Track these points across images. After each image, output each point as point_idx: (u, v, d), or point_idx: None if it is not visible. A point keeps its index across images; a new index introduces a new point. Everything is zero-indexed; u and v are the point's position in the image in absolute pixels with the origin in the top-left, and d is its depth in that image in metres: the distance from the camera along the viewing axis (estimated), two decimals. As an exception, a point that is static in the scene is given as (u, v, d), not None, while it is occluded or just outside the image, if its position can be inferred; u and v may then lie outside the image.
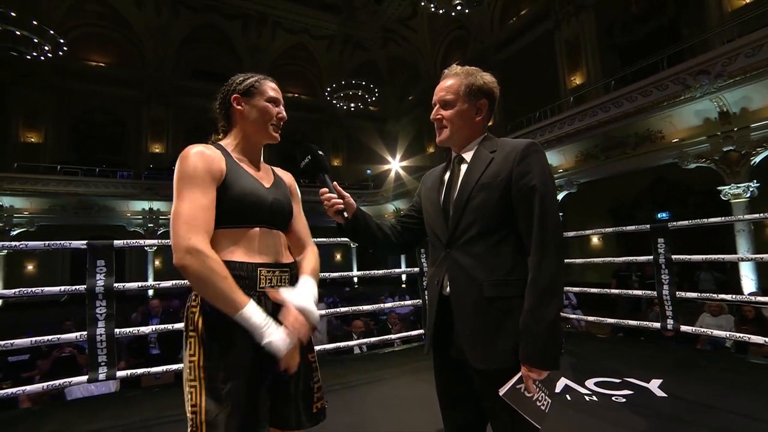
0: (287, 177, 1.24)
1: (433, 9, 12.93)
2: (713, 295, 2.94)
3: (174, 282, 2.53)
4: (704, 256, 2.82)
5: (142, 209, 15.74)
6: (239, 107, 1.11)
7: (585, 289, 3.76)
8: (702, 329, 2.94)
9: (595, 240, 12.92)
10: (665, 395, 2.18)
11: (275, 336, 0.92)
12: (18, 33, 12.42)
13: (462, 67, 1.15)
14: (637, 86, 8.68)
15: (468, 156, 1.13)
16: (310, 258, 1.18)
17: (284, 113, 1.15)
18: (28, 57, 13.30)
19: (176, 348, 4.53)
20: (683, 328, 2.86)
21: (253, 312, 0.91)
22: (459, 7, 12.52)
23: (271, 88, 1.14)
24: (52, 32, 13.11)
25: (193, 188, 0.96)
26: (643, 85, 8.53)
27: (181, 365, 2.51)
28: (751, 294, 6.13)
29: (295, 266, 1.13)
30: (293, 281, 1.09)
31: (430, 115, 1.17)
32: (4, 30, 12.21)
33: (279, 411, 1.03)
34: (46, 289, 2.31)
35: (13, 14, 12.21)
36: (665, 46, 9.64)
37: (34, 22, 12.65)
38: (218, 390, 0.91)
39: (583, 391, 2.29)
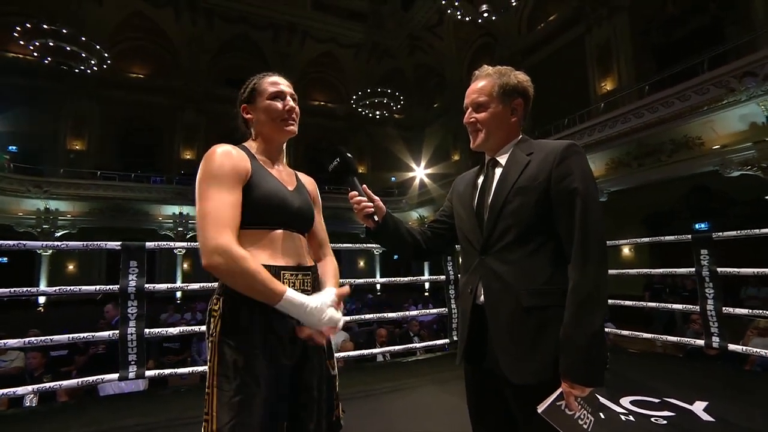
0: (309, 183, 1.23)
1: (459, 17, 12.87)
2: (765, 312, 2.71)
3: (201, 285, 2.58)
4: (754, 270, 2.61)
5: (173, 213, 16.36)
6: (249, 116, 1.13)
7: (619, 301, 3.57)
8: (754, 349, 2.71)
9: (626, 251, 12.35)
10: (712, 419, 2.01)
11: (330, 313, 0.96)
12: (68, 48, 13.38)
13: (494, 68, 1.11)
14: (674, 90, 8.30)
15: (503, 159, 1.08)
16: (331, 266, 1.18)
17: (292, 104, 1.11)
18: (77, 71, 14.29)
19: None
20: (731, 346, 2.66)
21: (293, 296, 0.92)
22: (486, 15, 12.40)
23: (269, 83, 1.11)
24: (99, 47, 14.04)
25: (219, 186, 0.95)
26: (681, 89, 8.14)
27: (203, 367, 2.56)
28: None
29: (316, 270, 1.13)
30: (315, 284, 1.08)
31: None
32: (57, 46, 13.18)
33: (299, 417, 1.01)
34: (84, 288, 2.41)
35: (65, 31, 13.17)
36: (706, 48, 9.17)
37: (83, 39, 13.58)
38: (230, 399, 0.90)
39: (618, 409, 2.14)
